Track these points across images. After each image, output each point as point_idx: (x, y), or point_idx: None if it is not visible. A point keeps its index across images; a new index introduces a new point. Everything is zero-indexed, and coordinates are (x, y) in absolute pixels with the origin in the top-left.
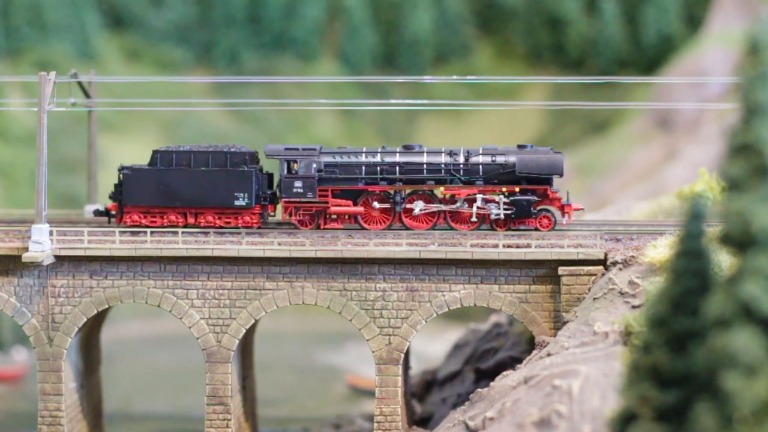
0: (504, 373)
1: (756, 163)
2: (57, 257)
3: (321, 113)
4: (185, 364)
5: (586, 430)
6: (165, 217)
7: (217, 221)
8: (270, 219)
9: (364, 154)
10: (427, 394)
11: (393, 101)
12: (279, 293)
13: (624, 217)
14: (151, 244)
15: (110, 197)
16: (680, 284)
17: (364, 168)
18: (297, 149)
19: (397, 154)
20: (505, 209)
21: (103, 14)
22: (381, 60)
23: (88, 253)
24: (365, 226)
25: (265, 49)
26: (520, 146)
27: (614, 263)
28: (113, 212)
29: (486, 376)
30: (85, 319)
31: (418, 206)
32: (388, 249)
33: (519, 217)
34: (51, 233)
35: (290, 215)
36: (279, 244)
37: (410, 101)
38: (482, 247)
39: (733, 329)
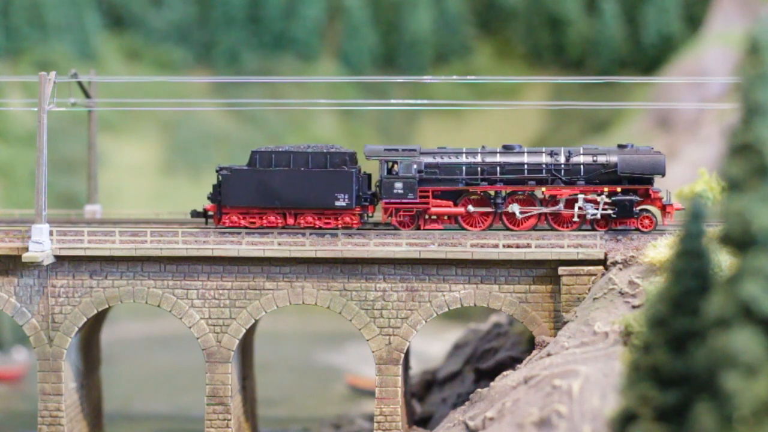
0: (504, 373)
1: (756, 163)
2: (57, 257)
3: (321, 113)
4: (185, 364)
5: (586, 430)
6: (264, 218)
7: (317, 222)
8: (368, 220)
9: (464, 155)
10: (427, 394)
11: (393, 101)
12: (279, 293)
13: None
14: (151, 244)
15: (209, 198)
16: (680, 284)
17: (464, 168)
18: (397, 150)
19: (498, 155)
20: (605, 209)
21: (103, 14)
22: (381, 60)
23: (88, 253)
24: (465, 227)
25: (265, 49)
26: (620, 146)
27: (614, 263)
28: (211, 213)
29: (486, 376)
30: (85, 319)
31: (517, 208)
32: (388, 249)
33: (621, 217)
34: (51, 233)
35: (390, 216)
36: (279, 244)
37: (410, 101)
38: (482, 247)
39: (733, 329)
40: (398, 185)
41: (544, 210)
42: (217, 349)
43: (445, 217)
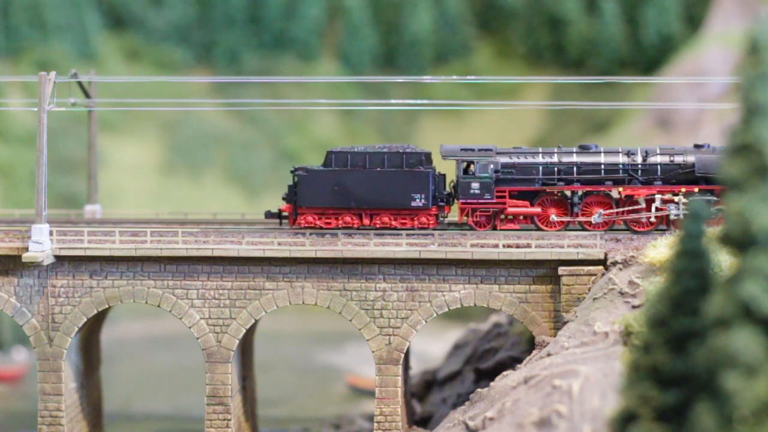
0: (504, 373)
1: (756, 163)
2: (57, 257)
3: (321, 113)
4: (185, 364)
5: (586, 430)
6: (340, 218)
7: (393, 222)
8: (444, 220)
9: (540, 155)
10: (427, 394)
11: (393, 101)
12: (279, 293)
13: None
14: (151, 244)
15: (284, 199)
16: (680, 284)
17: (541, 168)
18: (473, 150)
19: (574, 155)
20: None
21: (103, 14)
22: (381, 60)
23: (88, 253)
24: (542, 227)
25: (265, 49)
26: (696, 146)
27: (614, 263)
28: (286, 214)
29: (486, 376)
30: (85, 319)
31: (597, 211)
32: (388, 249)
33: None
34: (51, 233)
35: (467, 216)
36: (279, 244)
37: (410, 101)
38: (482, 247)
39: (733, 329)
40: (475, 185)
41: (622, 209)
42: (217, 349)
43: (521, 217)
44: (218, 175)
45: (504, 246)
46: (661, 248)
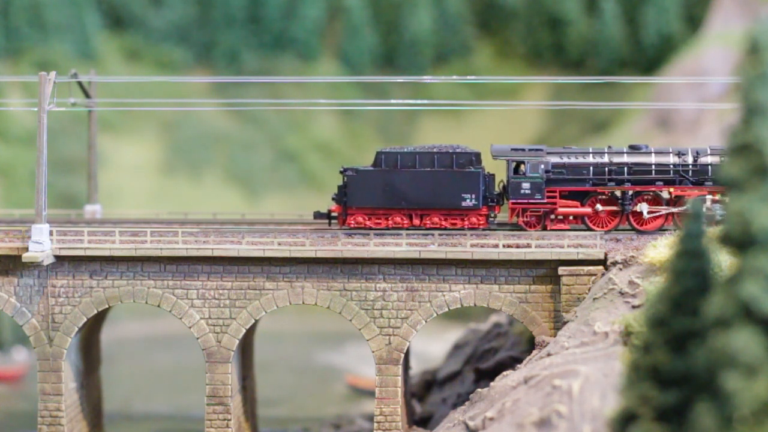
0: (504, 373)
1: (756, 163)
2: (57, 257)
3: (321, 113)
4: (185, 364)
5: (586, 430)
6: (390, 218)
7: (443, 222)
8: (494, 220)
9: (591, 155)
10: (427, 394)
11: (393, 101)
12: (279, 293)
13: None
14: (151, 244)
15: (333, 199)
16: (680, 284)
17: (591, 168)
18: (524, 150)
19: (625, 155)
20: None
21: (103, 14)
22: (381, 60)
23: (88, 253)
24: (592, 227)
25: (265, 49)
26: None
27: (614, 263)
28: (335, 214)
29: (486, 376)
30: (85, 319)
31: (645, 207)
32: (388, 249)
33: None
34: (51, 233)
35: (517, 216)
36: (279, 244)
37: (410, 101)
38: (482, 247)
39: (733, 329)
40: (525, 185)
41: (673, 210)
42: (217, 349)
43: (571, 218)
44: (218, 175)
45: (504, 246)
46: (661, 248)
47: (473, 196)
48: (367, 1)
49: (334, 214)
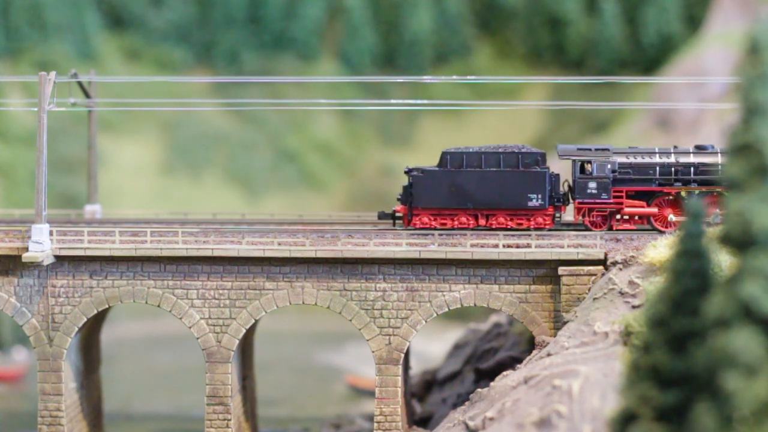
0: (504, 373)
1: (756, 163)
2: (57, 257)
3: (321, 113)
4: (185, 364)
5: (586, 430)
6: (456, 218)
7: (509, 223)
8: (558, 220)
9: (657, 155)
10: (427, 394)
11: (393, 101)
12: (279, 293)
13: None
14: (151, 244)
15: (398, 200)
16: (680, 284)
17: (658, 168)
18: (590, 149)
19: (692, 155)
20: None
21: (103, 14)
22: (381, 60)
23: (88, 253)
24: (658, 227)
25: (265, 49)
26: None
27: (614, 263)
28: (400, 215)
29: (486, 376)
30: (85, 319)
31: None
32: (388, 249)
33: None
34: (51, 233)
35: (583, 216)
36: (279, 244)
37: (410, 101)
38: (482, 247)
39: (733, 329)
40: (592, 185)
41: None
42: (217, 349)
43: (636, 218)
44: (218, 175)
45: (504, 246)
46: (661, 248)
47: (539, 196)
48: (367, 1)
49: (398, 214)
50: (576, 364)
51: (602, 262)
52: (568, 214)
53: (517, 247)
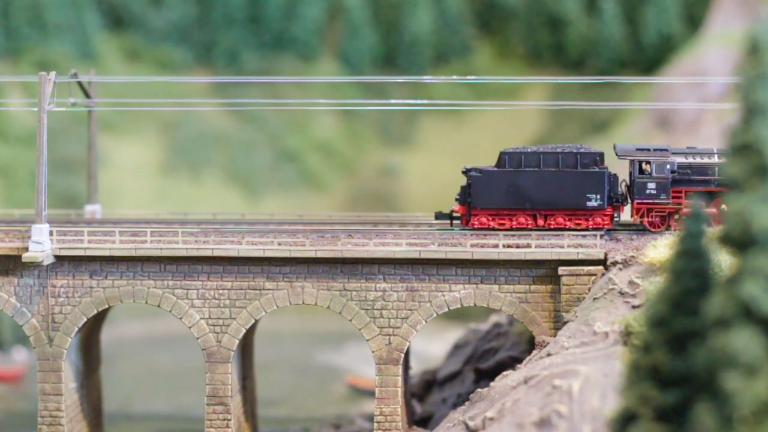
0: (504, 373)
1: (756, 163)
2: (57, 257)
3: (321, 113)
4: (185, 364)
5: (586, 430)
6: (514, 219)
7: (568, 223)
8: (616, 220)
9: (716, 155)
10: (427, 394)
11: (393, 101)
12: (279, 293)
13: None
14: (151, 244)
15: (456, 200)
16: (680, 284)
17: (717, 169)
18: (649, 150)
19: None
20: None
21: (103, 14)
22: (381, 60)
23: (88, 253)
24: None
25: (265, 49)
26: None
27: (614, 263)
28: (458, 215)
29: (486, 376)
30: (85, 319)
31: None
32: (388, 249)
33: None
34: (51, 233)
35: (642, 217)
36: (279, 244)
37: (410, 101)
38: (482, 247)
39: (733, 329)
40: (651, 185)
41: None
42: (217, 349)
43: None
44: (218, 175)
45: (504, 246)
46: (661, 248)
47: (598, 196)
48: (367, 1)
49: (456, 214)
50: (576, 364)
51: (602, 262)
52: (625, 215)
53: (517, 247)
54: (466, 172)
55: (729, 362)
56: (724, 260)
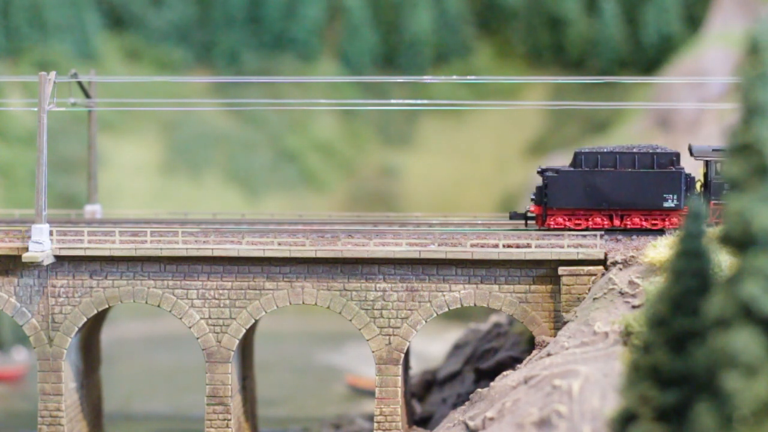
0: (504, 373)
1: (756, 163)
2: (57, 257)
3: (321, 113)
4: (185, 364)
5: (586, 430)
6: (591, 219)
7: (644, 223)
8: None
9: None
10: (427, 394)
11: (393, 101)
12: (279, 293)
13: None
14: (151, 244)
15: (532, 200)
16: (680, 284)
17: None
18: (725, 150)
19: None
20: None
21: (103, 14)
22: (381, 60)
23: (88, 253)
24: None
25: (265, 49)
26: None
27: (614, 263)
28: (533, 215)
29: (486, 376)
30: (85, 319)
31: None
32: (388, 249)
33: None
34: (51, 233)
35: (719, 217)
36: (279, 244)
37: (410, 101)
38: (482, 247)
39: (733, 329)
40: (728, 186)
41: None
42: (217, 349)
43: None
44: (218, 175)
45: (504, 246)
46: (661, 248)
47: (675, 196)
48: (367, 1)
49: (531, 214)
50: (576, 364)
51: (602, 262)
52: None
53: (517, 247)
54: (541, 172)
55: (729, 362)
56: (724, 260)
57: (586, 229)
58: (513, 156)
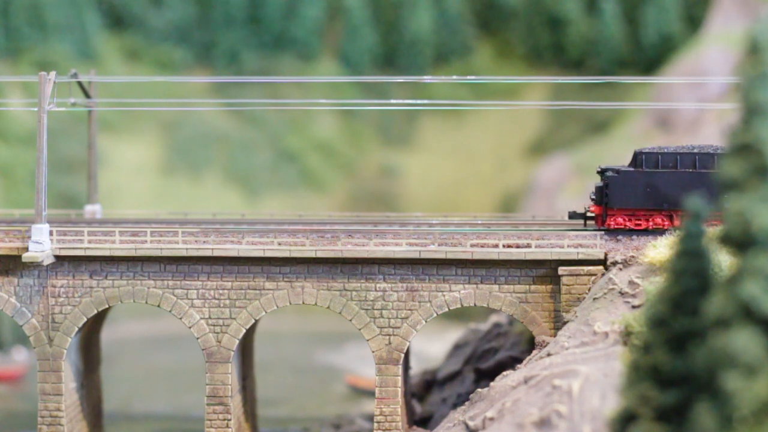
0: (504, 373)
1: (756, 163)
2: (57, 257)
3: (321, 113)
4: (185, 364)
5: (586, 430)
6: (651, 219)
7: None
8: None
9: None
10: (427, 394)
11: (393, 101)
12: (279, 293)
13: None
14: (151, 244)
15: (592, 200)
16: (680, 284)
17: None
18: None
19: None
20: None
21: (103, 14)
22: (381, 60)
23: (88, 253)
24: None
25: (265, 49)
26: None
27: (614, 263)
28: (593, 215)
29: (486, 376)
30: (85, 319)
31: None
32: (388, 249)
33: None
34: (51, 233)
35: None
36: (279, 244)
37: (410, 101)
38: (482, 247)
39: (733, 329)
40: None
41: None
42: (217, 349)
43: None
44: (218, 175)
45: (504, 246)
46: (661, 248)
47: None
48: (367, 1)
49: (591, 214)
50: (576, 364)
51: (602, 262)
52: None
53: (517, 247)
54: (601, 171)
55: (729, 362)
56: (724, 260)
57: (646, 230)
58: (513, 156)
